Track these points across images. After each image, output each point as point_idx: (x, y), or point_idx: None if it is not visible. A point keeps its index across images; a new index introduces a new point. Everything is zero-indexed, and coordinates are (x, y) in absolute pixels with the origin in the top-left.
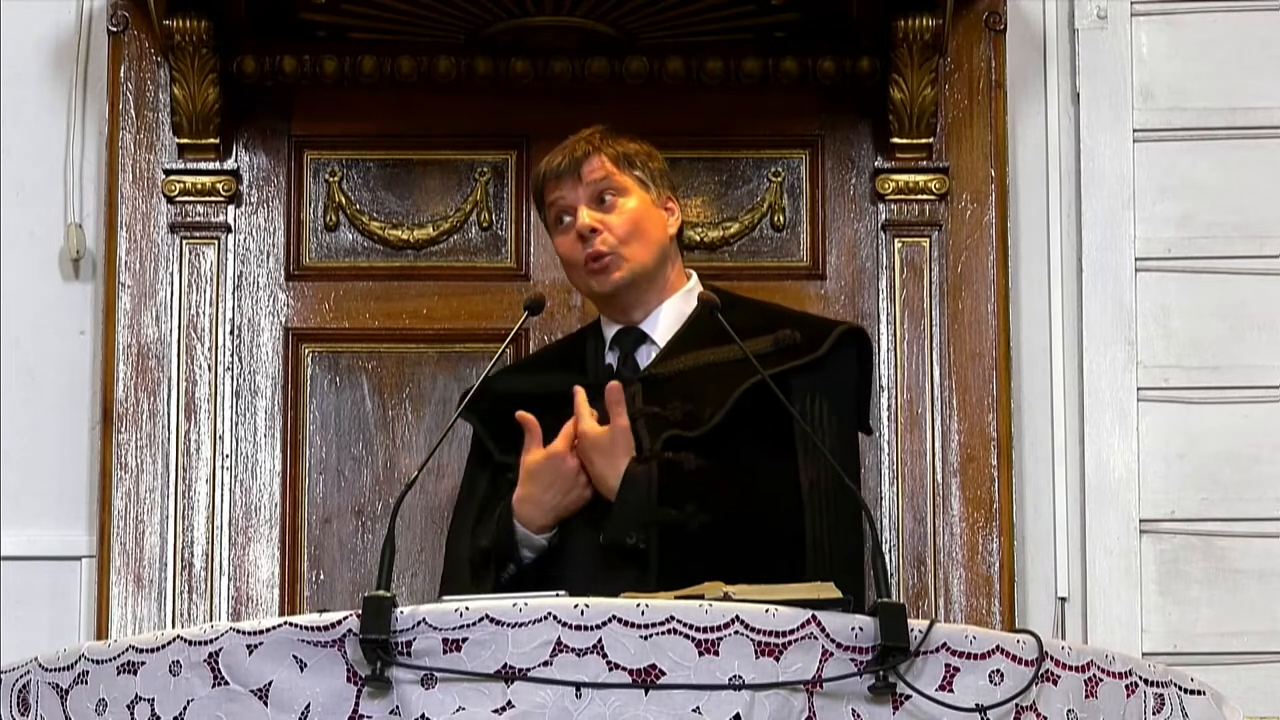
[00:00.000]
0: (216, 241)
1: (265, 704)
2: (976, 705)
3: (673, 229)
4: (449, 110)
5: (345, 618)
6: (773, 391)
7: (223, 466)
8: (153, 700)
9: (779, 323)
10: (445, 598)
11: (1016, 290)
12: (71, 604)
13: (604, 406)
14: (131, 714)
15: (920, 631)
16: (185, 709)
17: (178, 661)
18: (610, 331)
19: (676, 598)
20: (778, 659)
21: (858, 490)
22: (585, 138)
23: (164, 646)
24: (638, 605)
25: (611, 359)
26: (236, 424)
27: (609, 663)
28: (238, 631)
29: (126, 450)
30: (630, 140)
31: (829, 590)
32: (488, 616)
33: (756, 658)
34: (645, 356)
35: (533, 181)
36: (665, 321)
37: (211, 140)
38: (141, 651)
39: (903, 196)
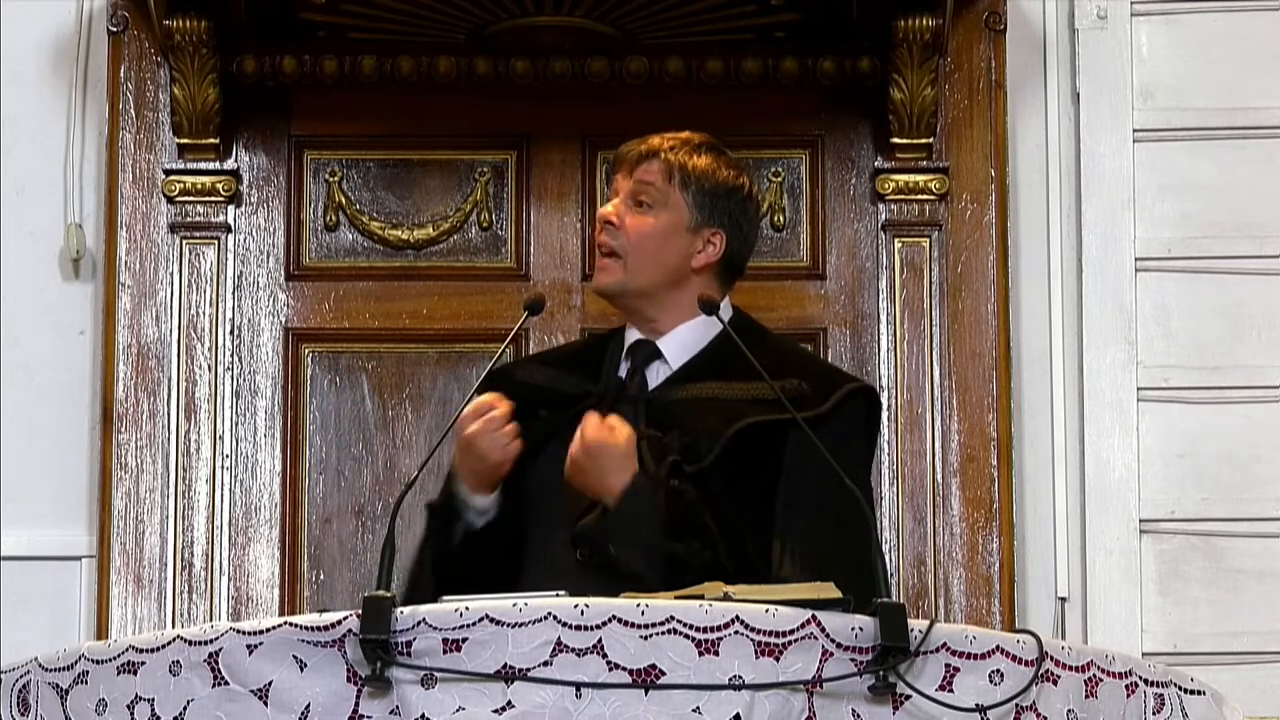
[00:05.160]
0: (216, 241)
1: (265, 704)
2: (976, 705)
3: (699, 263)
4: (449, 110)
5: (345, 618)
6: (765, 437)
7: (223, 466)
8: (153, 700)
9: (789, 368)
10: (445, 598)
11: (1016, 290)
12: (71, 604)
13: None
14: (131, 714)
15: (920, 631)
16: (185, 709)
17: (178, 661)
18: (630, 339)
19: (676, 598)
20: (778, 659)
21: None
22: (664, 140)
23: (164, 646)
24: (638, 605)
25: (624, 370)
26: (236, 424)
27: (609, 663)
28: (238, 631)
29: (126, 450)
30: (712, 162)
31: (829, 590)
32: (488, 616)
33: (756, 658)
34: (655, 374)
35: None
36: (682, 343)
37: (211, 140)
38: (141, 651)
39: (903, 196)
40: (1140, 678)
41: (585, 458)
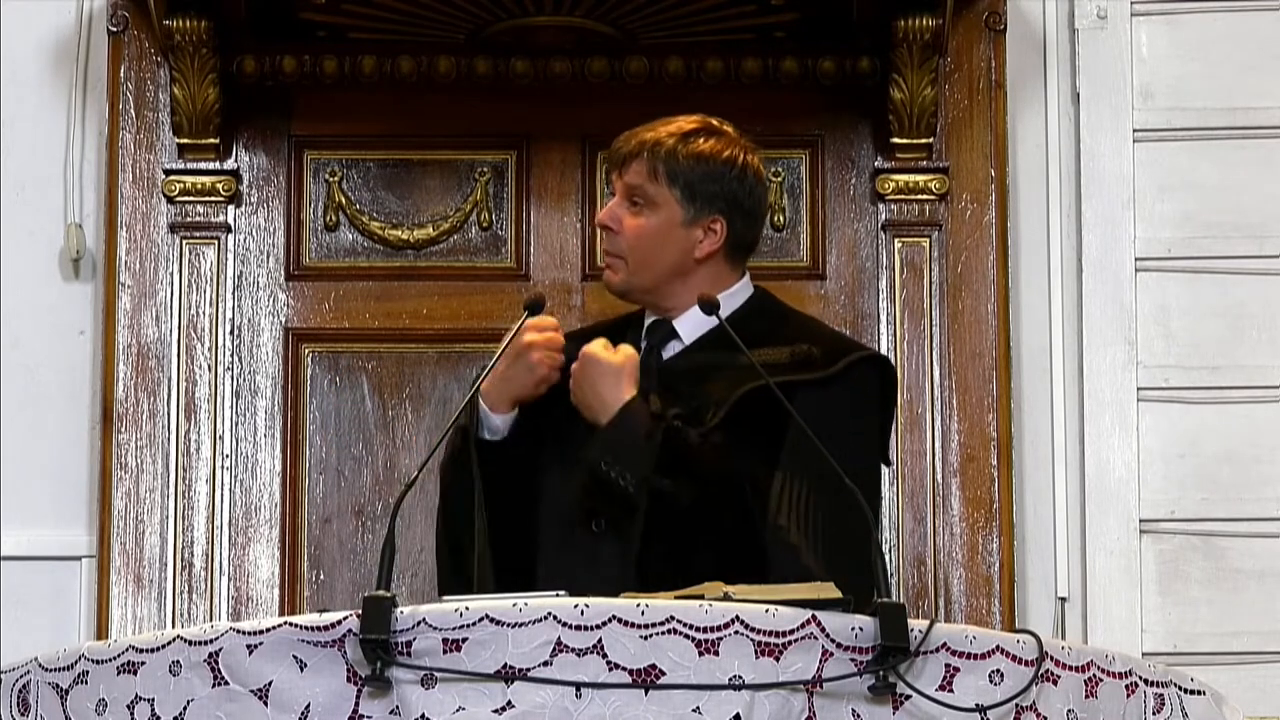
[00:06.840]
0: (216, 241)
1: (265, 704)
2: (976, 705)
3: (701, 253)
4: (449, 110)
5: (345, 618)
6: (773, 401)
7: (223, 466)
8: (153, 700)
9: (802, 339)
10: (445, 598)
11: (1016, 290)
12: (71, 604)
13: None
14: (131, 714)
15: (920, 631)
16: (185, 709)
17: (178, 661)
18: (649, 320)
19: (676, 598)
20: (778, 659)
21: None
22: (651, 134)
23: (164, 646)
24: (638, 605)
25: (642, 349)
26: (236, 424)
27: (609, 663)
28: (238, 631)
29: (126, 450)
30: (700, 149)
31: (829, 590)
32: (488, 616)
33: (756, 658)
34: (671, 352)
35: None
36: (697, 322)
37: (211, 140)
38: (141, 651)
39: (903, 196)
40: (1140, 678)
41: (581, 372)
